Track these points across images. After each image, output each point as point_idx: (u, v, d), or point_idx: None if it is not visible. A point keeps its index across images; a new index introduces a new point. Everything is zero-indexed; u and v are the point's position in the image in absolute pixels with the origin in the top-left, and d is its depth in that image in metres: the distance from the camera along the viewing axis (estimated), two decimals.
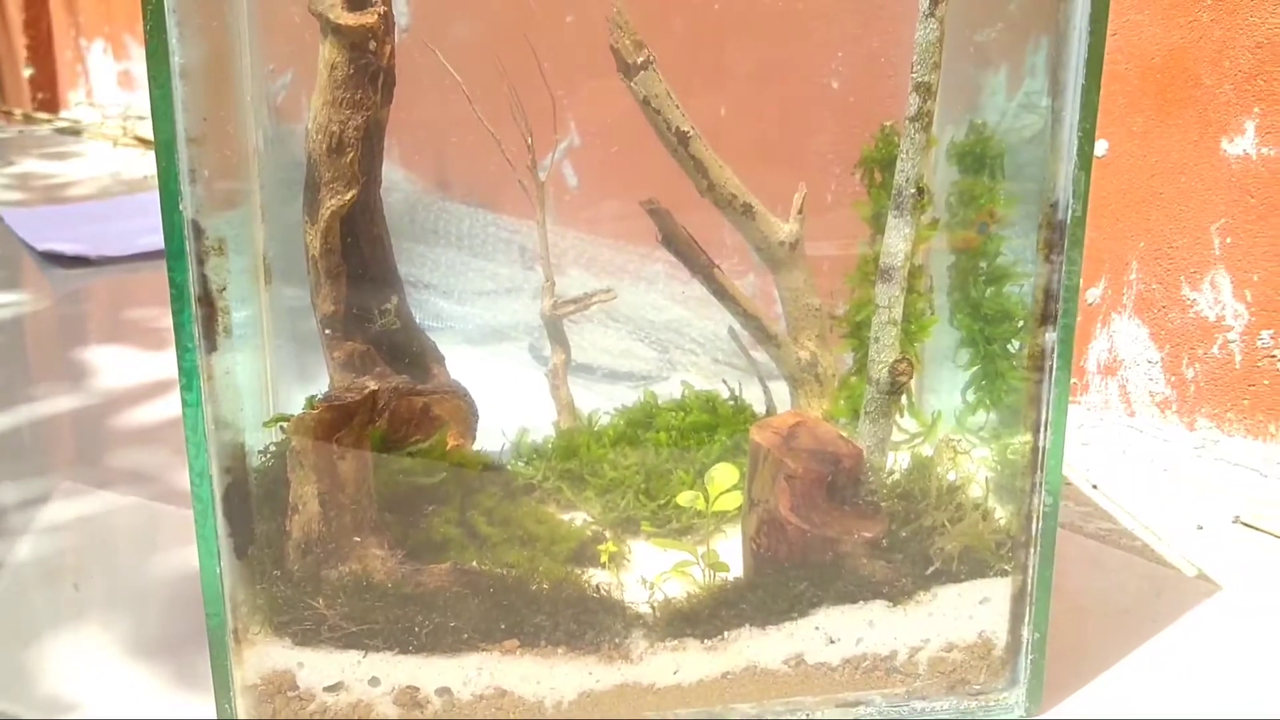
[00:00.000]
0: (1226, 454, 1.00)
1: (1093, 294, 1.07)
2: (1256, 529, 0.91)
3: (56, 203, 2.18)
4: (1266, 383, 0.97)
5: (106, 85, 3.16)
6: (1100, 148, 1.03)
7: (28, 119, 3.27)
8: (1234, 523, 0.92)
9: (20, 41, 3.39)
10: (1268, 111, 0.93)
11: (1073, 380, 1.09)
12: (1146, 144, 1.01)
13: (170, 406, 1.17)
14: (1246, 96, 0.94)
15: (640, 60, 0.70)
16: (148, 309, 1.52)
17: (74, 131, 2.99)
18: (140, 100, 2.97)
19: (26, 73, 3.41)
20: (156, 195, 1.87)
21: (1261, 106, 0.93)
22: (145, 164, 2.57)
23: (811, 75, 0.76)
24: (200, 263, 0.58)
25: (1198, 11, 0.96)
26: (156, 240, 1.92)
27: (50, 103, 3.43)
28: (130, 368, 1.29)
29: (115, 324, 1.50)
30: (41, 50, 3.41)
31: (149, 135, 2.66)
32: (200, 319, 0.58)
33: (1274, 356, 0.96)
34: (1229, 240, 0.97)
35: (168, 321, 1.53)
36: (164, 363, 1.30)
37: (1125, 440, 1.07)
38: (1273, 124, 0.93)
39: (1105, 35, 0.59)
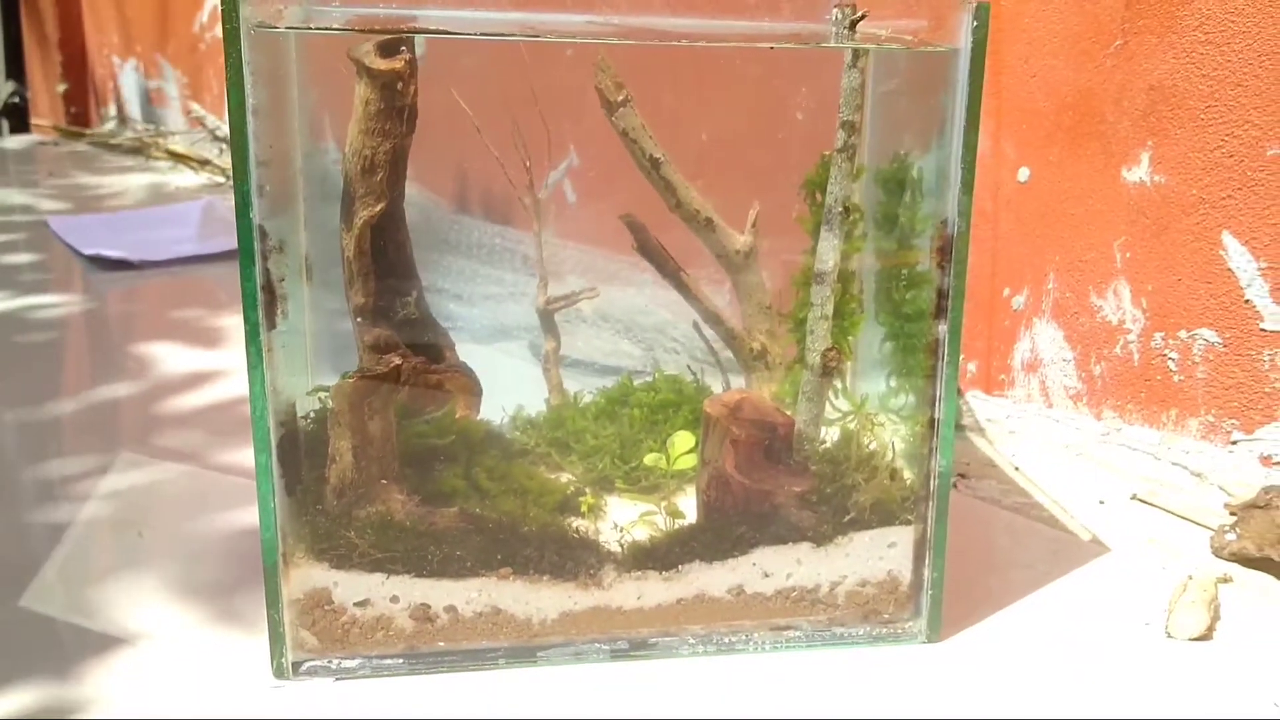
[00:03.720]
0: (1127, 440, 1.04)
1: (1017, 301, 1.11)
2: (1149, 504, 0.97)
3: (98, 211, 2.18)
4: (1159, 378, 0.99)
5: (137, 102, 3.14)
6: (1023, 174, 1.08)
7: (64, 133, 3.33)
8: (1131, 499, 0.98)
9: (55, 58, 3.39)
10: (1159, 145, 0.96)
11: (1000, 377, 1.15)
12: (1061, 171, 1.06)
13: (210, 393, 1.23)
14: (1141, 131, 0.98)
15: (620, 99, 0.75)
16: (188, 309, 1.56)
17: (108, 145, 3.04)
18: (169, 117, 2.99)
19: (60, 88, 3.42)
20: (191, 206, 2.06)
21: (1154, 140, 0.97)
22: (177, 177, 2.58)
23: (779, 108, 0.78)
24: (264, 258, 0.64)
25: (1103, 58, 1.00)
26: (193, 247, 2.06)
27: (82, 118, 3.41)
28: (174, 360, 1.34)
29: (159, 322, 1.52)
30: (75, 66, 3.39)
31: (179, 150, 2.77)
32: (263, 303, 0.65)
33: (1165, 356, 0.99)
34: (1128, 255, 1.01)
35: (206, 321, 1.67)
36: (203, 357, 1.35)
37: (1044, 428, 1.11)
38: (1163, 155, 0.97)
39: (981, 90, 0.68)
